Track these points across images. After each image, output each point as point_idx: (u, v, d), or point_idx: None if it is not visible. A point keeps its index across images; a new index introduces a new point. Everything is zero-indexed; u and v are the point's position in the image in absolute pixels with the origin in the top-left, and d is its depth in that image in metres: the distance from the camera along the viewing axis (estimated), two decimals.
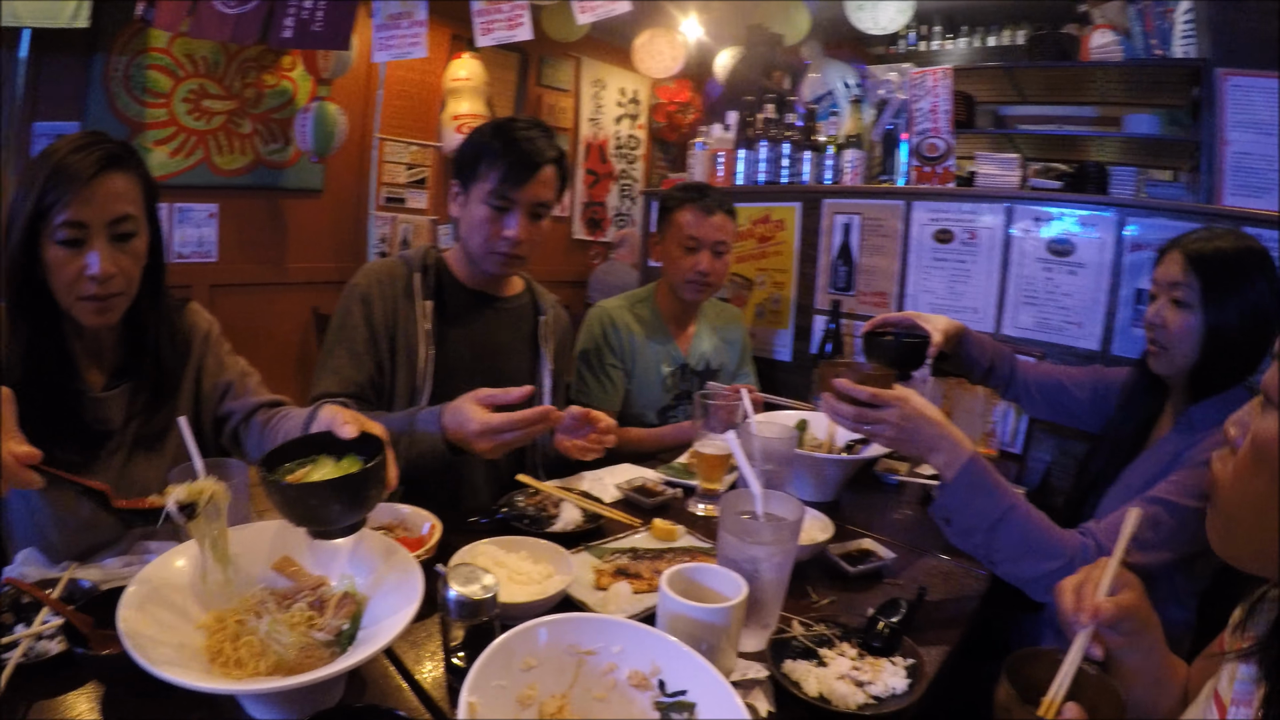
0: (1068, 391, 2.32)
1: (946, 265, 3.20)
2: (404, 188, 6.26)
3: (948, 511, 1.58)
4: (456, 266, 2.22)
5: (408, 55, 4.16)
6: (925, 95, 3.33)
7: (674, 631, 1.12)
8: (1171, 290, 1.80)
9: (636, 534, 1.76)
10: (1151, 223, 2.77)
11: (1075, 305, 2.91)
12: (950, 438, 1.55)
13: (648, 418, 2.80)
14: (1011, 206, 3.04)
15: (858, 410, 1.55)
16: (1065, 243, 2.93)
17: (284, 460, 1.24)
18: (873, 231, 3.38)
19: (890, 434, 1.55)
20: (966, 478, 1.53)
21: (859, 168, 3.50)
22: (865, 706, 1.19)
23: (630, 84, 8.09)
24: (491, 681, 0.95)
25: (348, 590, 1.20)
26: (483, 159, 2.06)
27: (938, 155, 3.28)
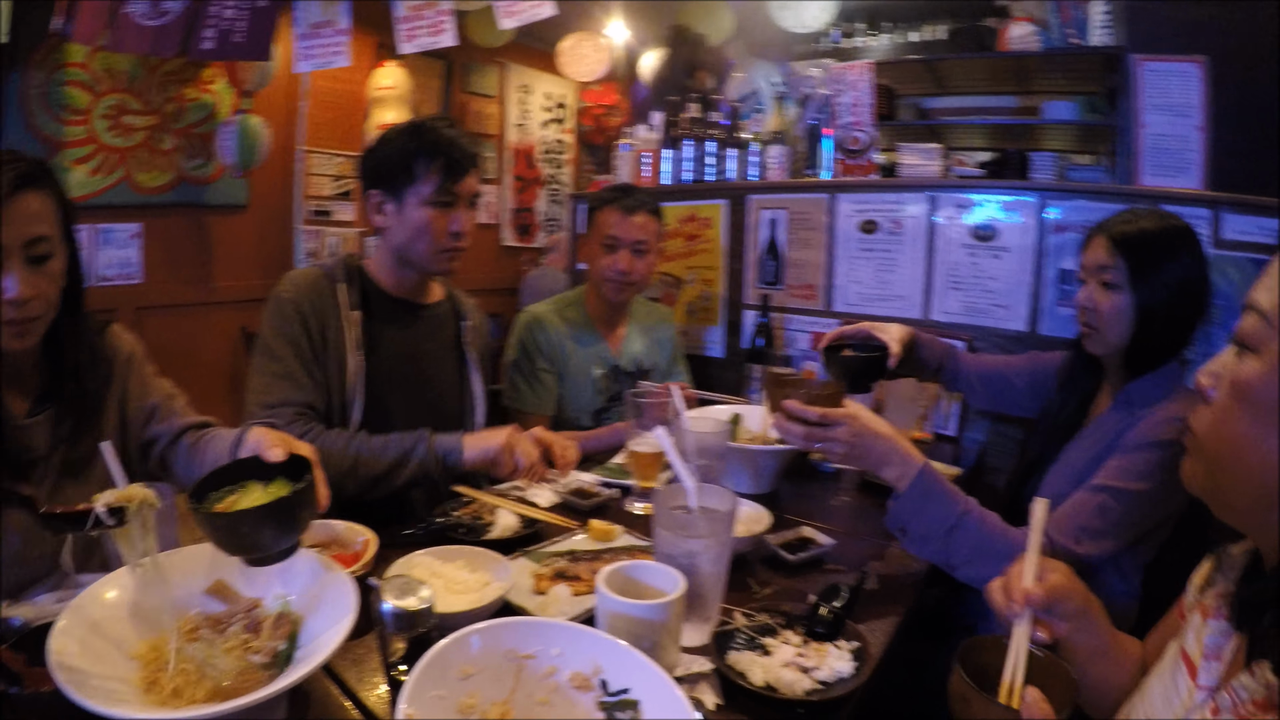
0: (1007, 380, 2.37)
1: (873, 255, 3.24)
2: (330, 200, 6.18)
3: (903, 521, 1.61)
4: (379, 275, 2.19)
5: (331, 64, 4.08)
6: (847, 90, 3.37)
7: (614, 631, 1.12)
8: (1100, 273, 1.84)
9: (574, 536, 1.75)
10: (1072, 205, 2.85)
11: (1001, 288, 2.97)
12: (900, 450, 1.58)
13: (581, 421, 2.79)
14: (934, 195, 3.10)
15: (808, 430, 1.57)
16: (989, 228, 2.99)
17: (212, 489, 1.22)
18: (799, 225, 3.41)
19: (841, 451, 1.57)
20: (919, 488, 1.56)
21: (784, 163, 3.54)
22: (812, 692, 1.20)
23: (556, 88, 8.08)
24: (429, 692, 0.93)
25: (282, 610, 1.18)
26: (417, 162, 2.04)
27: (860, 148, 3.32)
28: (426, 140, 2.05)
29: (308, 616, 1.18)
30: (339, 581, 1.20)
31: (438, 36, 3.79)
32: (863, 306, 3.27)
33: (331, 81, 5.99)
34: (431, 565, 1.45)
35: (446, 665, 0.98)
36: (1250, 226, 2.60)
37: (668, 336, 3.05)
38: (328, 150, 6.12)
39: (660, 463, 1.96)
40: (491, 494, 1.92)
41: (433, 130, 2.07)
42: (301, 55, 4.07)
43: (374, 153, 2.12)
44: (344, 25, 3.99)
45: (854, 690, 1.21)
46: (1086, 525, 1.63)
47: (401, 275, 2.19)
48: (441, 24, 3.78)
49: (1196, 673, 0.96)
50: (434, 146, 2.04)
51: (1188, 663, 1.00)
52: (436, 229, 2.07)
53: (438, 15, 3.78)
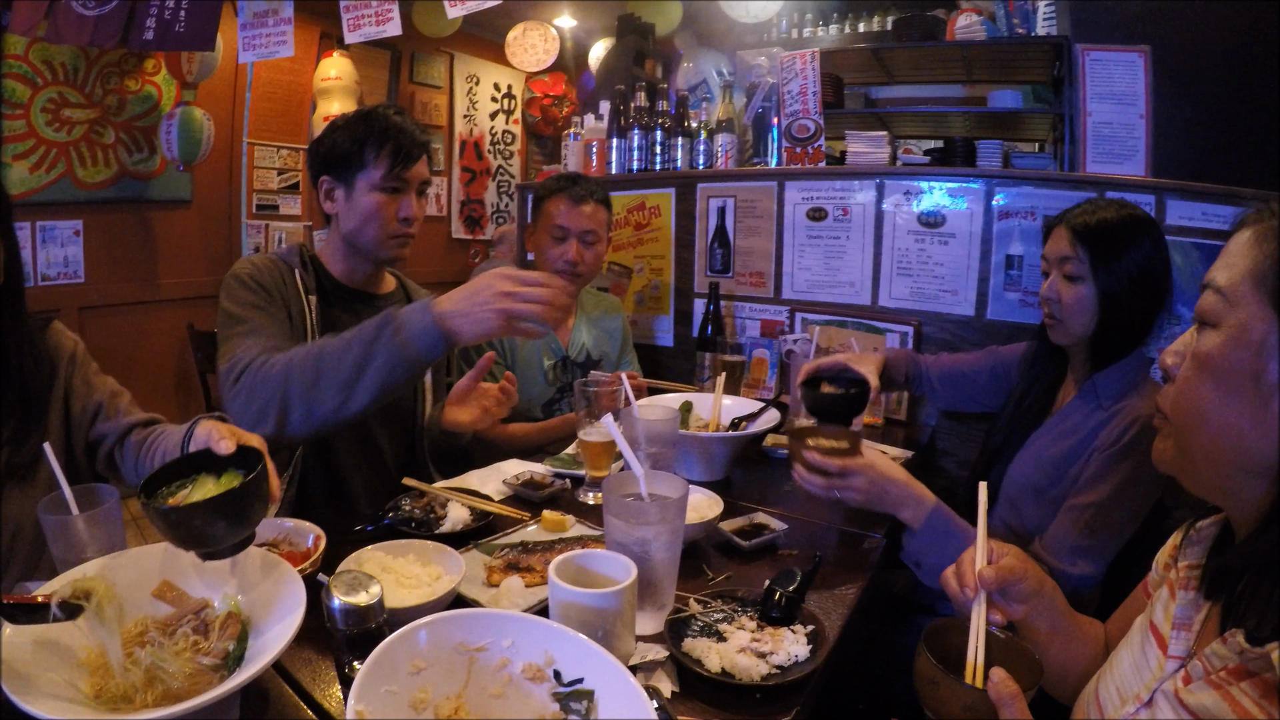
0: (967, 377, 2.41)
1: (821, 242, 3.26)
2: (276, 194, 6.11)
3: (918, 556, 1.66)
4: (332, 265, 2.18)
5: (275, 55, 4.03)
6: (794, 78, 3.38)
7: (567, 620, 1.11)
8: (1062, 265, 1.88)
9: (527, 527, 1.75)
10: (1018, 191, 2.88)
11: (949, 274, 3.01)
12: (914, 494, 1.63)
13: (533, 412, 2.78)
14: (882, 182, 3.12)
15: (828, 480, 1.63)
16: (936, 215, 3.02)
17: (162, 484, 1.21)
18: (747, 213, 3.43)
19: (860, 499, 1.63)
20: (932, 526, 1.62)
21: (731, 151, 3.54)
22: (769, 676, 1.20)
23: (504, 79, 8.04)
24: (380, 688, 0.92)
25: (231, 610, 1.16)
26: (367, 148, 2.04)
27: (808, 136, 3.33)
28: (376, 126, 2.04)
29: (257, 616, 1.16)
30: (287, 579, 1.18)
31: (383, 26, 3.76)
32: (811, 293, 3.29)
33: (276, 72, 5.92)
34: (382, 560, 1.44)
35: (395, 661, 0.97)
36: (1194, 212, 2.66)
37: (617, 326, 3.05)
38: (273, 143, 6.05)
39: (611, 452, 1.96)
40: (443, 487, 1.91)
41: (383, 117, 2.06)
42: (245, 45, 4.02)
43: (324, 139, 2.10)
44: (287, 15, 3.95)
45: (811, 673, 1.22)
46: (1078, 544, 1.70)
47: (353, 264, 2.17)
48: (387, 13, 3.75)
49: (1166, 644, 0.99)
50: (384, 132, 2.04)
51: (1156, 635, 1.02)
52: (386, 214, 2.07)
53: (383, 4, 3.74)
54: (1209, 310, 0.94)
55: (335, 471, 2.11)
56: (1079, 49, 3.14)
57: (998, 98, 4.06)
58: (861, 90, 5.14)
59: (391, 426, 2.23)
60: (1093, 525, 1.70)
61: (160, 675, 1.05)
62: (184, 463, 1.26)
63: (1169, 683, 0.94)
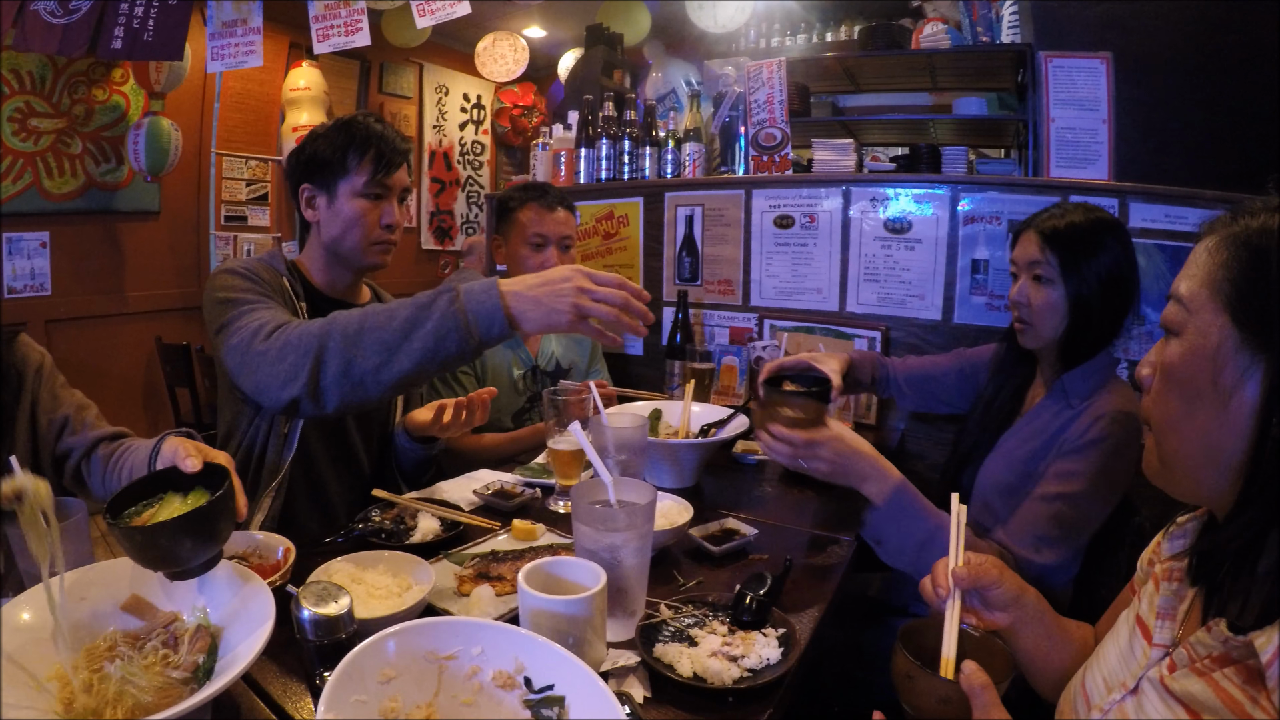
0: (935, 380, 2.42)
1: (789, 249, 3.29)
2: (245, 205, 6.09)
3: (879, 534, 1.65)
4: (313, 274, 2.17)
5: (243, 64, 3.99)
6: (761, 87, 3.41)
7: (537, 628, 1.11)
8: (1032, 269, 1.90)
9: (497, 536, 1.74)
10: (984, 197, 2.92)
11: (915, 279, 3.04)
12: (880, 467, 1.63)
13: (503, 423, 2.77)
14: (848, 189, 3.16)
15: (794, 450, 1.62)
16: (902, 221, 3.05)
17: (130, 503, 1.20)
18: (715, 221, 3.45)
19: (825, 469, 1.63)
20: (896, 502, 1.61)
21: (699, 160, 3.56)
22: (741, 680, 1.20)
23: (474, 89, 8.05)
24: (349, 697, 0.92)
25: (200, 623, 1.16)
26: (349, 155, 2.04)
27: (774, 144, 3.36)
28: (358, 134, 2.04)
29: (227, 629, 1.16)
30: (257, 592, 1.18)
31: (353, 36, 3.75)
32: (780, 300, 3.32)
33: (244, 82, 5.90)
34: (351, 572, 1.43)
35: (364, 670, 0.97)
36: (1156, 214, 2.72)
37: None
38: (241, 153, 6.02)
39: (581, 460, 1.96)
40: (413, 498, 1.91)
41: (364, 125, 2.06)
42: (213, 55, 3.98)
43: (305, 147, 2.09)
44: (256, 24, 3.92)
45: (783, 676, 1.22)
46: (1044, 534, 1.71)
47: (334, 274, 2.16)
48: (357, 23, 3.74)
49: (1151, 634, 1.01)
50: (366, 140, 2.04)
51: (1142, 627, 1.05)
52: (369, 221, 2.06)
53: (352, 14, 3.73)
54: (1172, 320, 0.97)
55: (317, 482, 2.09)
56: (1042, 56, 3.19)
57: (963, 105, 4.11)
58: (829, 99, 5.19)
59: (369, 436, 2.23)
60: (1059, 516, 1.71)
61: (130, 689, 1.04)
62: (150, 481, 1.25)
63: (1154, 670, 0.96)
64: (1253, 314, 0.89)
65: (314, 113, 6.00)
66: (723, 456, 2.43)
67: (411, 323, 1.52)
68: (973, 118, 4.15)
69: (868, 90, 4.96)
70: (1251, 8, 3.26)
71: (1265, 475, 0.86)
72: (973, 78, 4.34)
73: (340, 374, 1.55)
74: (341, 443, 2.15)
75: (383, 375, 1.54)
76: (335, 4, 3.72)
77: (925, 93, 4.91)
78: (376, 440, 2.26)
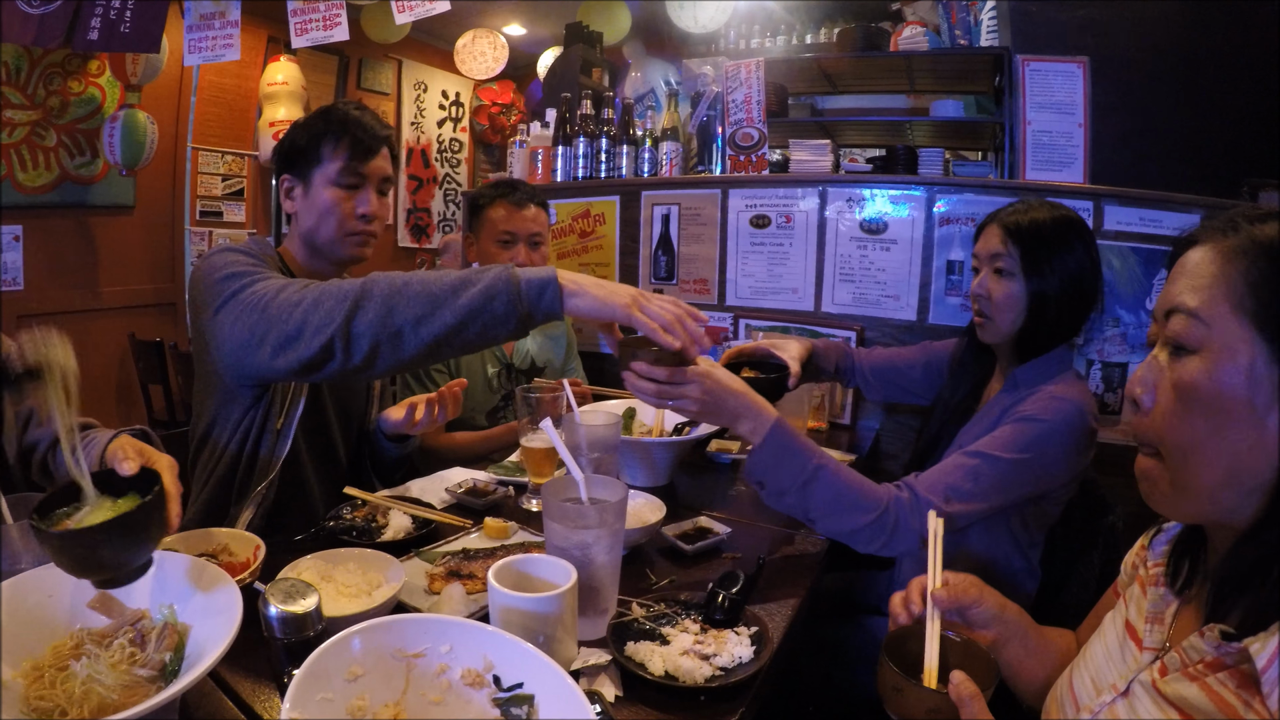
0: (900, 371, 2.43)
1: (764, 249, 3.30)
2: (220, 200, 6.04)
3: (759, 475, 1.64)
4: (294, 266, 2.10)
5: (221, 58, 3.97)
6: (739, 87, 3.42)
7: (507, 625, 1.11)
8: (993, 261, 1.90)
9: (469, 535, 1.74)
10: (960, 198, 2.95)
11: (891, 280, 3.06)
12: (754, 405, 1.61)
13: (477, 421, 2.76)
14: (825, 190, 3.17)
15: (659, 387, 1.57)
16: (878, 221, 3.07)
17: (61, 504, 1.15)
18: (691, 221, 3.46)
19: (695, 408, 1.59)
20: (773, 441, 1.60)
21: (676, 160, 3.58)
22: (713, 678, 1.20)
23: (452, 86, 8.03)
24: (315, 696, 0.92)
25: (168, 621, 1.15)
26: (324, 142, 1.98)
27: (751, 144, 3.37)
28: (334, 120, 1.99)
29: (194, 626, 1.14)
30: (224, 589, 1.16)
31: (331, 31, 3.73)
32: (755, 300, 3.33)
33: (222, 76, 5.86)
34: (321, 569, 1.42)
35: (331, 668, 0.96)
36: (1130, 217, 2.75)
37: (560, 333, 3.04)
38: (217, 148, 5.98)
39: (554, 459, 1.95)
40: (384, 496, 1.89)
41: (342, 111, 2.02)
42: (190, 47, 3.95)
43: (285, 137, 2.05)
44: (234, 17, 3.89)
45: (755, 674, 1.22)
46: (957, 486, 1.69)
47: (314, 266, 2.09)
48: (335, 18, 3.72)
49: (1141, 639, 1.02)
50: (341, 126, 1.98)
51: (1131, 632, 1.05)
52: (343, 211, 2.00)
53: (331, 9, 3.72)
54: (1186, 336, 0.92)
55: (301, 480, 2.05)
56: (1019, 60, 3.22)
57: (940, 107, 4.14)
58: (808, 100, 5.21)
59: (347, 433, 2.21)
60: (975, 471, 1.70)
61: (96, 687, 1.03)
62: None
63: (1145, 673, 0.96)
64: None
65: (291, 108, 5.96)
66: (696, 455, 2.43)
67: (463, 280, 1.48)
68: (950, 120, 4.18)
69: (846, 92, 4.99)
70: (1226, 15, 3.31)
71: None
72: (950, 80, 4.38)
73: (379, 320, 1.47)
74: (323, 439, 2.13)
75: (422, 329, 1.47)
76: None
77: (903, 95, 4.96)
78: (354, 437, 2.24)
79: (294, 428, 1.92)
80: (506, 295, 1.45)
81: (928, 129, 4.63)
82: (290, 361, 1.51)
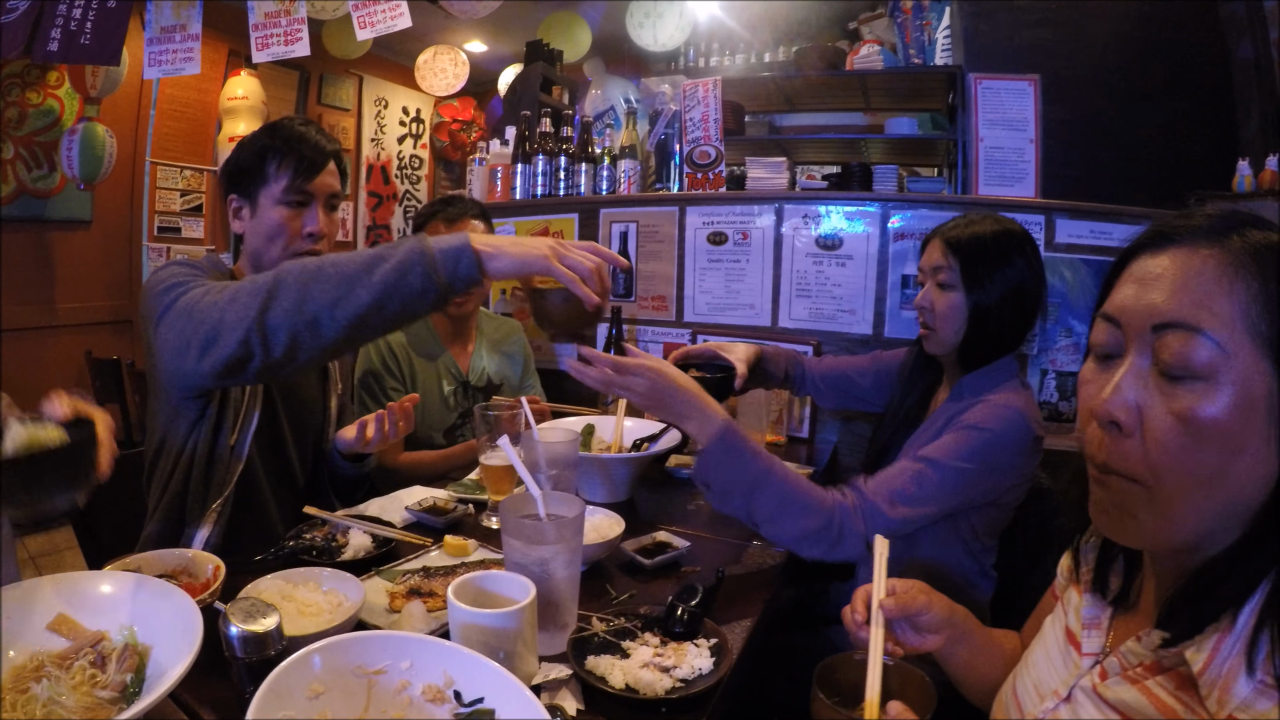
0: (851, 380, 2.46)
1: (722, 266, 3.35)
2: (179, 216, 5.98)
3: (706, 477, 1.66)
4: None
5: (181, 71, 3.93)
6: (697, 105, 3.46)
7: (467, 642, 1.12)
8: (935, 274, 1.95)
9: (429, 553, 1.74)
10: (914, 214, 3.01)
11: (847, 294, 3.11)
12: (703, 406, 1.64)
13: (435, 439, 2.76)
14: (781, 206, 3.23)
15: (605, 375, 1.60)
16: (834, 237, 3.13)
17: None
18: (649, 238, 3.49)
19: (640, 401, 1.62)
20: (721, 444, 1.62)
21: (634, 177, 3.60)
22: (673, 690, 1.21)
23: (413, 103, 8.01)
24: (277, 713, 0.92)
25: (128, 642, 1.14)
26: (268, 160, 1.93)
27: (709, 162, 3.41)
28: (280, 137, 1.95)
29: (155, 647, 1.14)
30: (184, 609, 1.16)
31: (292, 46, 3.72)
32: (712, 316, 3.37)
33: (181, 90, 5.81)
34: (281, 588, 1.42)
35: (292, 685, 0.96)
36: (1081, 230, 2.83)
37: (518, 350, 3.05)
38: (176, 163, 5.92)
39: (514, 476, 1.93)
40: (344, 515, 1.89)
41: (286, 127, 1.97)
42: (151, 60, 3.92)
43: (232, 156, 2.01)
44: (194, 30, 3.86)
45: (716, 685, 1.23)
46: (902, 490, 1.73)
47: None
48: (297, 33, 3.71)
49: (1080, 644, 1.02)
50: (286, 143, 1.94)
51: (1071, 637, 1.06)
52: (290, 229, 1.95)
53: (293, 24, 3.70)
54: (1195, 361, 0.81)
55: (258, 501, 2.01)
56: (972, 78, 3.29)
57: (895, 125, 4.20)
58: (766, 118, 5.27)
59: (304, 451, 2.17)
60: (920, 476, 1.73)
61: (58, 710, 1.02)
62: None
63: (1086, 678, 0.97)
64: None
65: (252, 123, 5.90)
66: (656, 471, 2.44)
67: (375, 257, 1.45)
68: (904, 137, 4.24)
69: (803, 110, 5.04)
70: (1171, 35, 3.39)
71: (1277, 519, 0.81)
72: (905, 99, 4.45)
73: (294, 308, 1.43)
74: (280, 458, 2.09)
75: (339, 311, 1.43)
76: (275, 13, 3.69)
77: (859, 113, 5.01)
78: (311, 456, 2.21)
79: (248, 445, 1.89)
80: (422, 267, 1.42)
81: (883, 146, 4.69)
82: (214, 363, 1.48)
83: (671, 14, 5.08)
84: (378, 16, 3.62)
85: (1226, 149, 3.24)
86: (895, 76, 4.13)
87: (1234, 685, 0.78)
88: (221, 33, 5.50)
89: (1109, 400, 0.86)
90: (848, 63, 4.31)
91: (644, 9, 5.12)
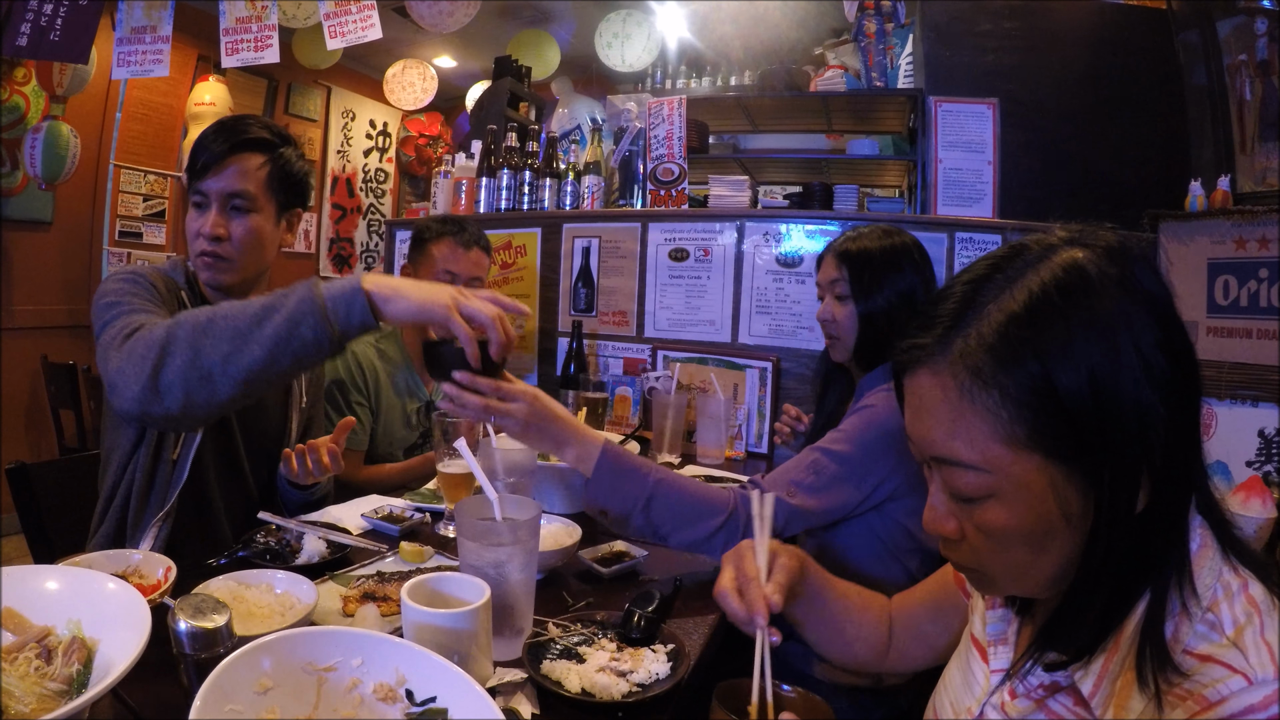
0: None
1: (683, 282, 3.38)
2: (141, 221, 5.91)
3: (602, 502, 1.65)
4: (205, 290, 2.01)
5: (149, 73, 3.94)
6: (661, 123, 3.49)
7: (421, 643, 1.10)
8: (832, 287, 2.02)
9: (384, 558, 1.73)
10: None
11: (806, 311, 3.15)
12: (581, 432, 1.63)
13: (395, 456, 2.74)
14: (742, 224, 3.26)
15: (484, 401, 1.54)
16: (794, 255, 3.17)
17: None
18: (611, 253, 3.51)
19: (518, 429, 1.58)
20: (606, 465, 1.62)
21: (597, 193, 3.62)
22: (630, 694, 1.21)
23: (380, 116, 8.00)
24: (223, 706, 0.91)
25: (74, 636, 1.14)
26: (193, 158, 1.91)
27: (672, 179, 3.43)
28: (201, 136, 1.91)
29: (103, 642, 1.12)
30: (132, 605, 1.14)
31: (262, 52, 3.73)
32: (673, 332, 3.39)
33: (148, 93, 5.76)
34: (233, 589, 1.41)
35: (238, 680, 0.95)
36: None
37: None
38: (140, 166, 5.86)
39: (469, 484, 1.95)
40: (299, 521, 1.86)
41: (211, 125, 1.93)
42: (119, 61, 3.91)
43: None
44: (165, 32, 3.86)
45: (673, 689, 1.24)
46: (799, 480, 1.78)
47: (213, 292, 2.00)
48: (267, 39, 3.72)
49: (988, 657, 1.03)
50: (195, 144, 1.90)
51: (978, 647, 1.07)
52: (190, 231, 1.91)
53: (263, 30, 3.71)
54: (971, 489, 0.86)
55: (207, 509, 1.99)
56: (932, 101, 3.36)
57: (856, 146, 4.27)
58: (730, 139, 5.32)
59: (258, 462, 2.12)
60: (816, 464, 1.79)
61: (10, 702, 1.01)
62: None
63: (995, 696, 0.98)
64: (1067, 445, 0.81)
65: None
66: None
67: (266, 309, 1.41)
68: (865, 158, 4.31)
69: (766, 131, 5.09)
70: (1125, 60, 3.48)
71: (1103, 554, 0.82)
72: (867, 121, 4.51)
73: (187, 364, 1.40)
74: (234, 470, 2.05)
75: (231, 366, 1.39)
76: (247, 18, 3.70)
77: (821, 135, 5.08)
78: (266, 467, 2.16)
79: (189, 461, 1.86)
80: (314, 317, 1.39)
81: (844, 167, 4.75)
82: (121, 410, 1.46)
83: (640, 35, 5.14)
84: (349, 26, 3.63)
85: (1180, 171, 3.31)
86: (858, 99, 4.19)
87: (1129, 701, 0.80)
88: (191, 37, 5.47)
89: (930, 522, 0.93)
90: (811, 86, 4.37)
91: (613, 29, 5.17)
